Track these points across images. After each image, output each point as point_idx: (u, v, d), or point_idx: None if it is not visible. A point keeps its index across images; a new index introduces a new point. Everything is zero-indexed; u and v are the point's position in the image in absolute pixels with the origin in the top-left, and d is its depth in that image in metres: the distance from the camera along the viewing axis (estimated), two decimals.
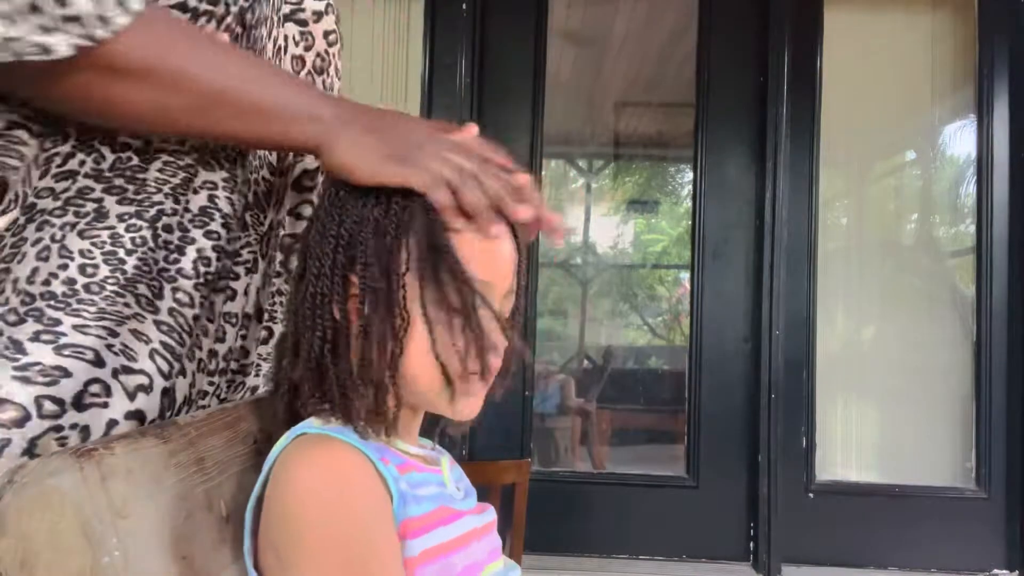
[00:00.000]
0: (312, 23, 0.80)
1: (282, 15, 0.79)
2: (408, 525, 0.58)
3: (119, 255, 0.62)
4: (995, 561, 2.55)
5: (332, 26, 0.83)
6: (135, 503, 0.51)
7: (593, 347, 3.05)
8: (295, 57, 0.80)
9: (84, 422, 0.57)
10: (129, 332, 0.61)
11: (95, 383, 0.58)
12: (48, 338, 0.58)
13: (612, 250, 3.07)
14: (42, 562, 0.46)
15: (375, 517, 0.56)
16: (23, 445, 0.55)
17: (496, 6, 2.69)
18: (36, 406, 0.55)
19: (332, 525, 0.55)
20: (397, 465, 0.60)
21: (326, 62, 0.82)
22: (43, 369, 0.56)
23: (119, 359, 0.60)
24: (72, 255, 0.61)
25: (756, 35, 2.67)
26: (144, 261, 0.63)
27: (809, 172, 2.66)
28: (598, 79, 3.00)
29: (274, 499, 0.57)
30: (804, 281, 2.63)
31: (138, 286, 0.63)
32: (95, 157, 0.64)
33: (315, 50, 0.81)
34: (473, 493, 0.71)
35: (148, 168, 0.66)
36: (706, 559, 2.59)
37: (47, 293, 0.59)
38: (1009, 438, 2.57)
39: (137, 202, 0.64)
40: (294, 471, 0.56)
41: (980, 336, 2.62)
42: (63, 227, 0.62)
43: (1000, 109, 2.65)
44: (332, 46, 0.83)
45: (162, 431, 0.57)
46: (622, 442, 2.97)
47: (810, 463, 2.60)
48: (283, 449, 0.59)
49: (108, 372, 0.59)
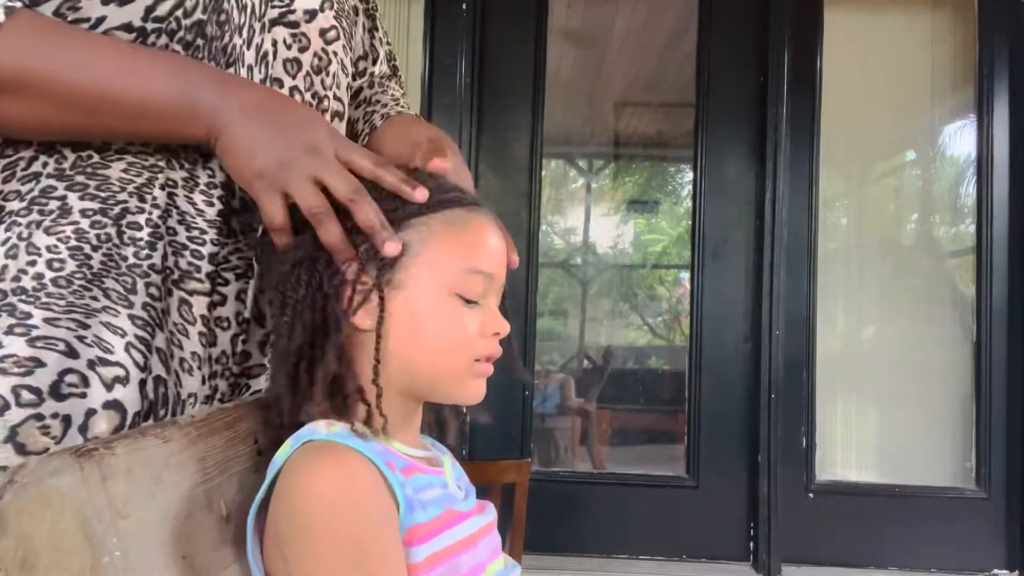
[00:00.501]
0: (305, 23, 0.78)
1: (267, 21, 0.75)
2: (415, 531, 0.59)
3: (85, 250, 0.64)
4: (995, 561, 2.55)
5: (330, 22, 0.80)
6: (135, 503, 0.51)
7: (593, 347, 3.05)
8: (288, 61, 0.77)
9: (64, 411, 0.59)
10: (101, 325, 0.62)
11: (70, 373, 0.59)
12: (20, 331, 0.59)
13: (612, 250, 3.06)
14: (42, 562, 0.46)
15: (383, 525, 0.57)
16: (4, 432, 0.57)
17: (496, 6, 2.69)
18: (14, 395, 0.57)
19: (341, 532, 0.55)
20: (401, 468, 0.61)
21: (324, 60, 0.80)
22: (17, 360, 0.58)
23: (93, 351, 0.61)
24: (39, 251, 0.63)
25: (756, 35, 2.67)
26: (110, 257, 0.65)
27: (809, 172, 2.66)
28: (598, 79, 3.00)
29: (282, 506, 0.57)
30: (804, 281, 2.63)
31: (105, 280, 0.64)
32: (56, 157, 0.66)
33: (311, 50, 0.78)
34: (472, 491, 0.71)
35: (110, 166, 0.67)
36: (706, 559, 2.59)
37: (18, 288, 0.61)
38: (1009, 438, 2.57)
39: (100, 199, 0.66)
40: (304, 478, 0.56)
41: (980, 336, 2.62)
42: (29, 225, 0.63)
43: (1000, 109, 2.65)
44: (332, 43, 0.80)
45: (162, 431, 0.57)
46: (622, 442, 2.97)
47: (810, 463, 2.60)
48: (289, 456, 0.59)
49: (84, 363, 0.60)
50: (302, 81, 0.78)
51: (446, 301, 0.63)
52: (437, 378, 0.64)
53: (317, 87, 0.80)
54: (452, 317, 0.63)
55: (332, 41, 0.80)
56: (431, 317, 0.63)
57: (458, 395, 0.66)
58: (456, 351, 0.64)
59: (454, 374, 0.64)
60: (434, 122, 2.62)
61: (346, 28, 0.84)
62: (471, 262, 0.64)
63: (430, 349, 0.63)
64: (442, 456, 0.70)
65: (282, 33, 0.76)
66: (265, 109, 0.66)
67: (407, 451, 0.64)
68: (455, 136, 2.59)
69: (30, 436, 0.57)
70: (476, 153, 2.67)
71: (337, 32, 0.81)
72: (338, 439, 0.59)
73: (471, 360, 0.64)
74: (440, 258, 0.63)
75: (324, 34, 0.79)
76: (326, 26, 0.79)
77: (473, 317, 0.64)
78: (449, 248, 0.64)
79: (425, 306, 0.63)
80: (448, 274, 0.63)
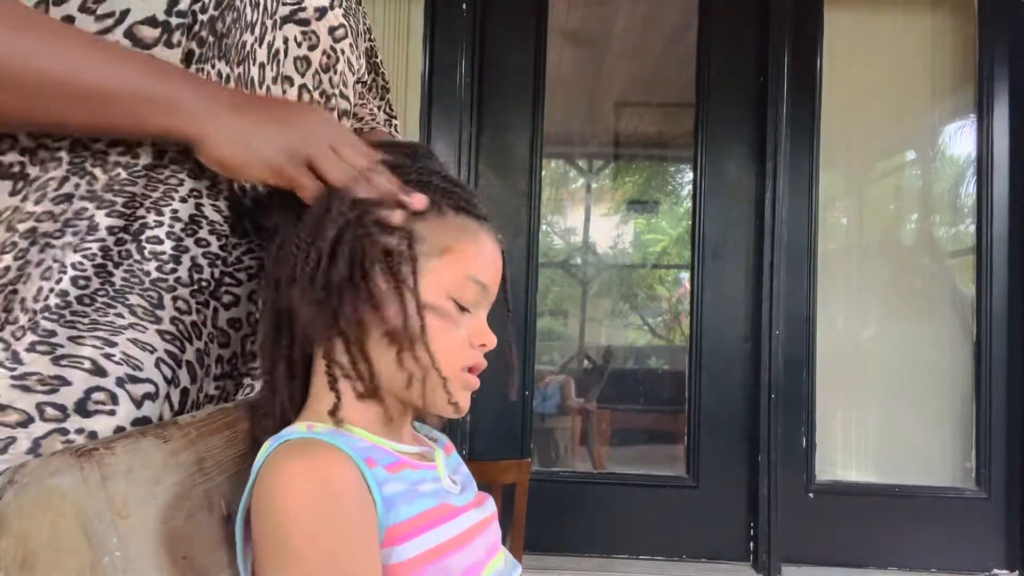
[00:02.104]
0: (315, 21, 0.78)
1: (279, 18, 0.76)
2: (396, 530, 0.58)
3: (108, 268, 0.63)
4: (995, 561, 2.55)
5: (338, 20, 0.80)
6: (135, 503, 0.51)
7: (593, 347, 3.04)
8: (298, 59, 0.77)
9: (91, 427, 0.58)
10: (129, 342, 0.62)
11: (98, 391, 0.59)
12: (44, 349, 0.59)
13: (612, 250, 3.06)
14: (42, 562, 0.46)
15: (357, 530, 0.56)
16: (28, 444, 0.56)
17: (496, 6, 2.69)
18: (38, 411, 0.56)
19: (313, 535, 0.55)
20: (387, 465, 0.60)
21: (332, 59, 0.80)
22: (41, 378, 0.57)
23: (122, 368, 0.60)
24: (66, 268, 0.62)
25: (756, 35, 2.67)
26: (132, 272, 0.64)
27: (809, 172, 2.66)
28: (598, 79, 3.00)
29: (259, 508, 0.57)
30: (804, 281, 2.63)
31: (129, 297, 0.64)
32: (88, 179, 0.65)
33: (320, 48, 0.78)
34: (472, 484, 0.71)
35: (136, 182, 0.66)
36: (706, 559, 2.59)
37: (44, 307, 0.61)
38: (1009, 438, 2.57)
39: (125, 216, 0.65)
40: (277, 480, 0.56)
41: (980, 336, 2.62)
42: (63, 247, 0.63)
43: (1000, 109, 2.65)
44: (340, 41, 0.80)
45: (162, 431, 0.57)
46: (622, 442, 2.97)
47: (810, 463, 2.60)
48: (267, 456, 0.59)
49: (112, 381, 0.60)
50: (311, 79, 0.78)
51: (443, 302, 0.64)
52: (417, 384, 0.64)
53: (325, 85, 0.80)
54: (446, 319, 0.64)
55: (340, 39, 0.80)
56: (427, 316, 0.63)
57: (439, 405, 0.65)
58: (446, 354, 0.63)
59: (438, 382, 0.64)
60: (434, 122, 2.63)
61: (353, 26, 0.84)
62: (473, 270, 0.65)
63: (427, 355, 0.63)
64: (435, 449, 0.70)
65: (293, 30, 0.77)
66: (255, 105, 0.66)
67: (397, 447, 0.64)
68: (455, 136, 2.59)
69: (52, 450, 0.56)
70: (476, 153, 2.67)
71: (345, 30, 0.81)
72: (318, 436, 0.59)
73: (456, 369, 0.64)
74: (443, 262, 0.64)
75: (333, 32, 0.79)
76: (335, 24, 0.79)
77: (464, 324, 0.65)
78: (455, 252, 0.64)
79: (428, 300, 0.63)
80: (450, 276, 0.64)
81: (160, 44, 0.65)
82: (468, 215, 0.66)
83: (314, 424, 0.61)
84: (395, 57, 2.73)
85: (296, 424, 0.62)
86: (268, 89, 0.75)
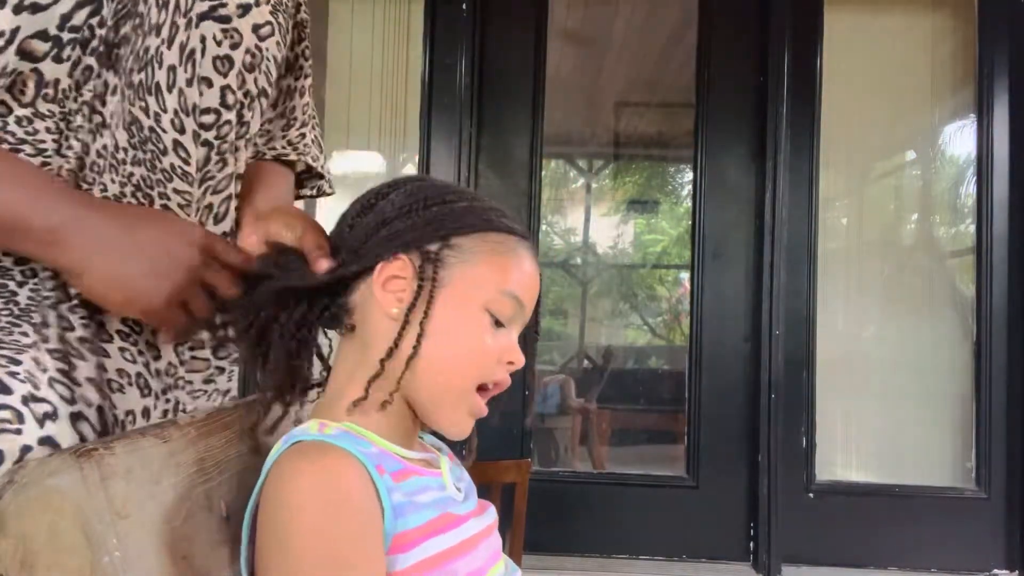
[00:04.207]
0: (237, 18, 0.74)
1: (195, 15, 0.71)
2: (403, 538, 0.58)
3: (10, 287, 0.64)
4: (995, 561, 2.55)
5: (265, 18, 0.76)
6: (135, 503, 0.51)
7: (593, 347, 3.04)
8: (218, 58, 0.73)
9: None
10: (31, 360, 0.62)
11: (5, 409, 0.59)
12: None
13: (612, 250, 3.06)
14: (42, 562, 0.46)
15: (363, 536, 0.56)
16: None
17: (496, 6, 2.69)
18: None
19: (315, 537, 0.55)
20: (394, 472, 0.60)
21: (257, 58, 0.76)
22: None
23: (26, 387, 0.61)
24: None
25: (756, 35, 2.67)
26: (37, 291, 0.64)
27: (809, 172, 2.65)
28: (598, 79, 3.00)
29: (265, 507, 0.57)
30: (804, 281, 2.63)
31: (32, 315, 0.64)
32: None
33: (243, 47, 0.74)
34: (474, 491, 0.71)
35: None
36: (706, 559, 2.59)
37: None
38: (1009, 438, 2.57)
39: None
40: (287, 481, 0.56)
41: (980, 336, 2.61)
42: None
43: (1000, 109, 2.65)
44: (265, 39, 0.76)
45: (162, 431, 0.57)
46: (622, 442, 2.97)
47: (810, 463, 2.60)
48: (279, 456, 0.59)
49: (18, 399, 0.60)
50: (234, 79, 0.75)
51: (478, 313, 0.64)
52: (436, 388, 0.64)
53: (250, 85, 0.76)
54: (479, 329, 0.64)
55: (266, 38, 0.77)
56: (461, 322, 0.64)
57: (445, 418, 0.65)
58: (472, 363, 0.64)
59: (456, 391, 0.64)
60: (434, 122, 2.63)
61: (282, 24, 0.80)
62: (511, 285, 0.65)
63: (449, 354, 0.64)
64: (440, 456, 0.70)
65: (212, 28, 0.72)
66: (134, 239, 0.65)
67: (404, 453, 0.64)
68: (455, 136, 2.59)
69: None
70: (476, 153, 2.67)
71: (272, 28, 0.77)
72: (329, 440, 0.59)
73: (476, 382, 0.64)
74: (485, 272, 0.65)
75: (257, 30, 0.76)
76: (260, 22, 0.76)
77: (496, 339, 0.65)
78: (496, 265, 0.65)
79: (459, 312, 0.64)
80: (487, 288, 0.64)
81: (48, 59, 0.64)
82: (510, 233, 0.67)
83: (327, 424, 0.61)
84: (395, 57, 2.73)
85: (308, 423, 0.62)
86: (181, 92, 0.71)
